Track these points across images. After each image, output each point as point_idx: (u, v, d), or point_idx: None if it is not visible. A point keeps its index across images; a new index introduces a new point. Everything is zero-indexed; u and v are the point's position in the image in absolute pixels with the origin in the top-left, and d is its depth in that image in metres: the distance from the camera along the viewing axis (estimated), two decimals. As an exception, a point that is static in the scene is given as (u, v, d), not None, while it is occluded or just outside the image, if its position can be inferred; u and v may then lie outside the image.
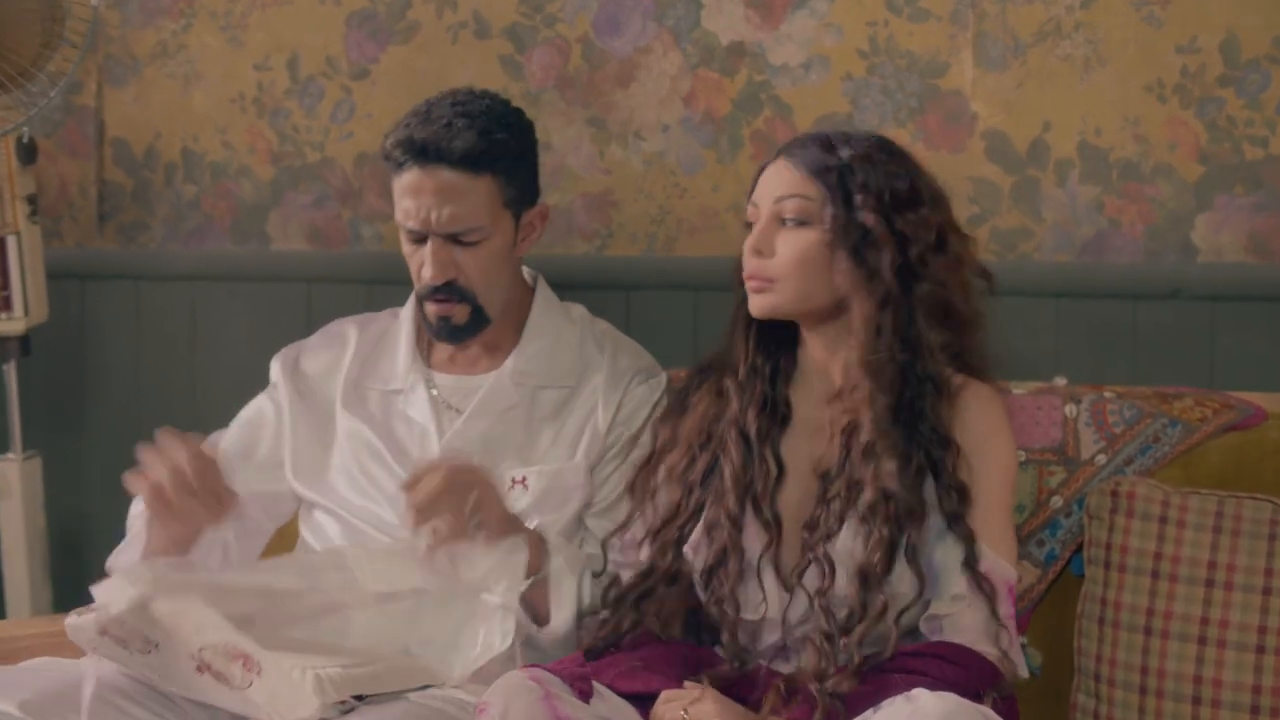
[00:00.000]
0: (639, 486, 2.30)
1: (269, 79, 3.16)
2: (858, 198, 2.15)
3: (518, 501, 2.44)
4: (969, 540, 2.13)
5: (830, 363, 2.26)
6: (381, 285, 2.80)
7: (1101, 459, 2.47)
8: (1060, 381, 2.56)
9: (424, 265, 2.45)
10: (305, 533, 2.58)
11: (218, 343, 3.19)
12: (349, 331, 2.64)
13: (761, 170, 2.23)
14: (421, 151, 2.41)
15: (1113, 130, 2.80)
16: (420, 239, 2.45)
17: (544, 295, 2.61)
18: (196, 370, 3.20)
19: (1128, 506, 2.40)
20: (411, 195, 2.43)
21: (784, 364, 2.27)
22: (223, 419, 2.65)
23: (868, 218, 2.15)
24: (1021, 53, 2.82)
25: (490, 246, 2.47)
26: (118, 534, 2.46)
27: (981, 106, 2.85)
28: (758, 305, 2.22)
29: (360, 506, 2.51)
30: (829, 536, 2.14)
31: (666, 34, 2.96)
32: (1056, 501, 2.47)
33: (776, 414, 2.24)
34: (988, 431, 2.19)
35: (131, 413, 3.22)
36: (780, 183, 2.19)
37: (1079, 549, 2.46)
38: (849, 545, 2.13)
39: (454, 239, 2.44)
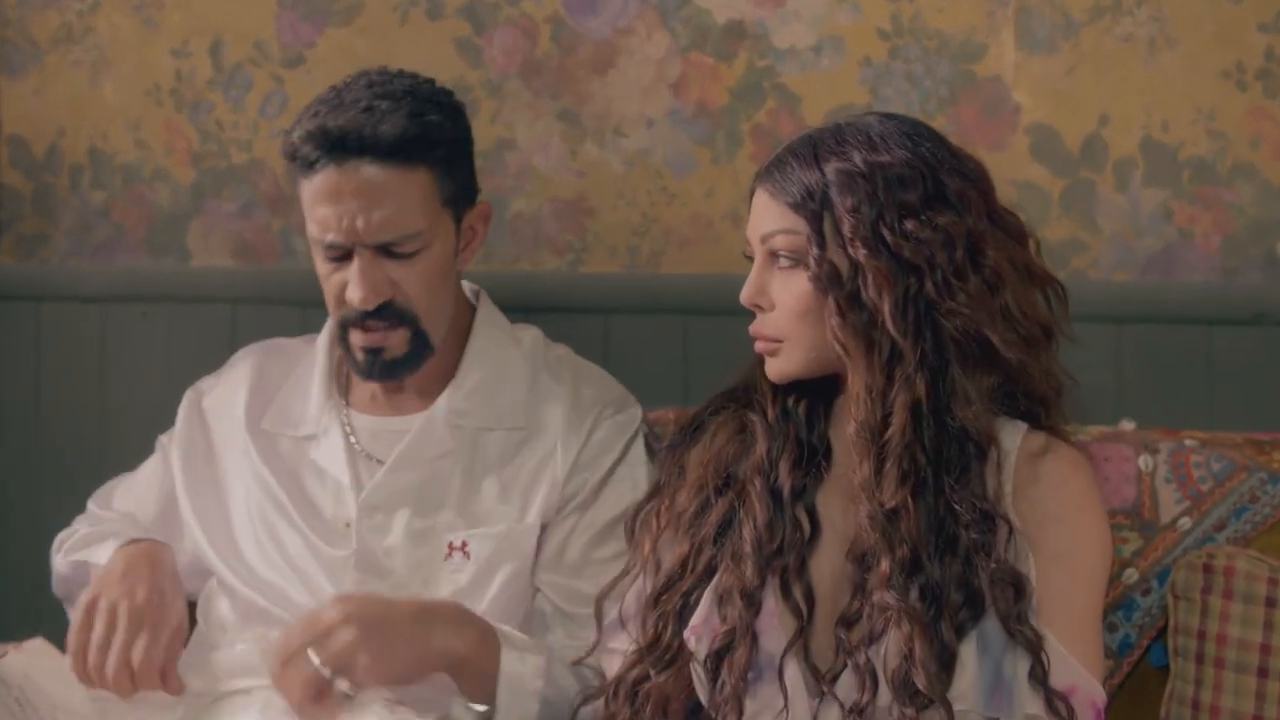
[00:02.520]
0: (638, 529, 2.06)
1: (189, 67, 2.98)
2: (845, 226, 1.89)
3: (458, 572, 2.21)
4: (1033, 647, 1.85)
5: None
6: (317, 307, 2.55)
7: (1185, 523, 2.25)
8: (1128, 426, 2.36)
9: (349, 287, 2.20)
10: (200, 618, 2.32)
11: (131, 372, 3.01)
12: (246, 363, 2.43)
13: (751, 195, 2.00)
14: (339, 144, 2.16)
15: (1183, 124, 2.65)
16: (343, 255, 2.20)
17: (487, 316, 2.37)
18: (106, 404, 3.02)
19: (1224, 585, 2.16)
20: (329, 200, 2.17)
21: (823, 398, 2.02)
22: (136, 459, 2.53)
23: (858, 253, 1.88)
24: (1073, 32, 2.67)
25: (431, 256, 2.22)
26: (16, 595, 2.43)
27: (1026, 96, 2.69)
28: (770, 371, 1.99)
29: (265, 580, 2.26)
30: (872, 640, 1.87)
31: (651, 12, 2.79)
32: (1131, 575, 2.25)
33: (814, 464, 1.99)
34: (1073, 508, 1.93)
35: (31, 454, 3.06)
36: (763, 216, 1.96)
37: (1160, 635, 2.24)
38: (896, 649, 1.87)
39: (386, 250, 2.19)
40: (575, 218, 2.85)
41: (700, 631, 1.96)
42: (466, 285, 2.38)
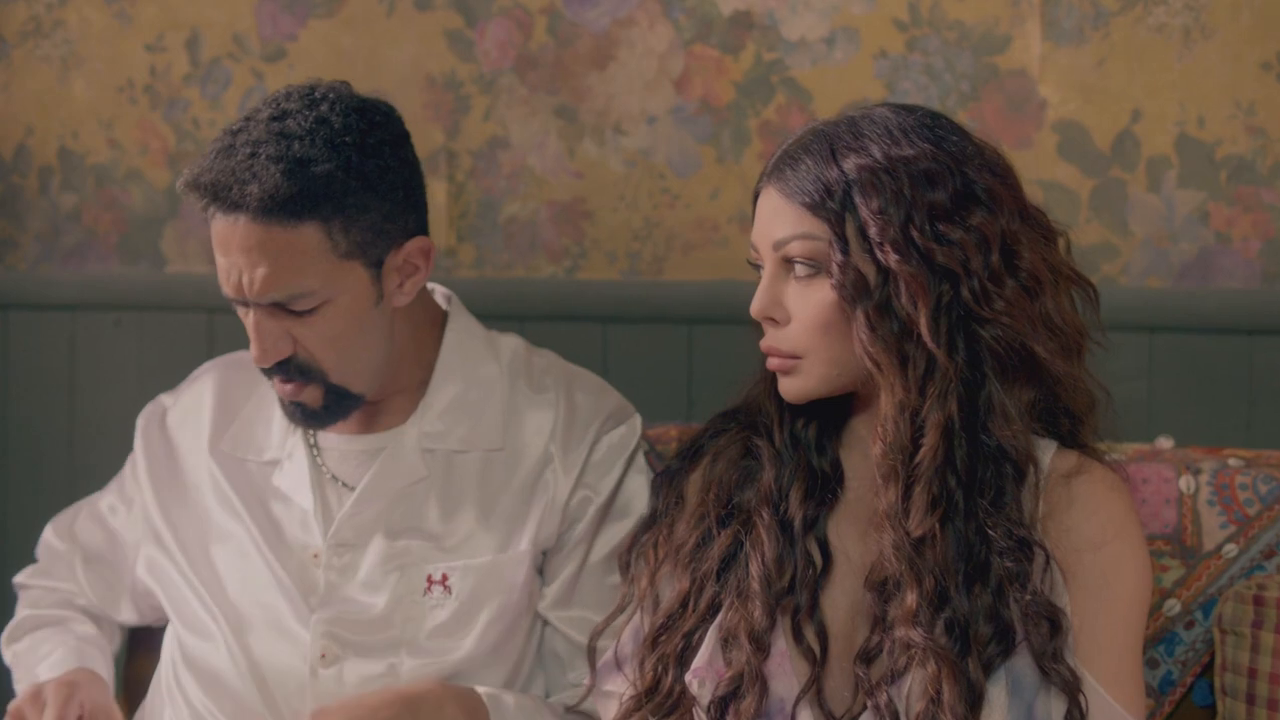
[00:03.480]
0: (633, 562, 1.98)
1: (164, 62, 2.95)
2: (872, 229, 1.79)
3: (438, 609, 2.11)
4: (1070, 688, 1.77)
5: None
6: (298, 316, 2.65)
7: (1231, 550, 2.15)
8: (1165, 443, 2.26)
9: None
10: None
11: (102, 384, 3.00)
12: (208, 380, 2.32)
13: (756, 196, 1.90)
14: (214, 197, 2.04)
15: (1220, 119, 2.60)
16: (243, 304, 2.09)
17: (460, 326, 2.24)
18: (76, 418, 3.01)
19: (1277, 619, 2.07)
20: (220, 249, 2.06)
21: (834, 419, 1.93)
22: (106, 474, 2.49)
23: (888, 259, 1.79)
24: (1103, 22, 2.62)
25: (333, 312, 2.08)
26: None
27: (1052, 91, 2.65)
28: (786, 391, 1.88)
29: (236, 610, 2.17)
30: (894, 677, 1.78)
31: (653, 2, 2.77)
32: (1173, 607, 2.15)
33: (826, 491, 1.90)
34: (1110, 534, 1.83)
35: (-3, 470, 3.09)
36: (775, 220, 1.85)
37: (1205, 672, 2.15)
38: (921, 689, 1.77)
39: (280, 307, 2.06)
40: (572, 221, 2.80)
41: (703, 675, 1.87)
42: (439, 290, 2.27)
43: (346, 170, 2.03)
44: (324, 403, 2.10)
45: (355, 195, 2.04)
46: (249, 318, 2.06)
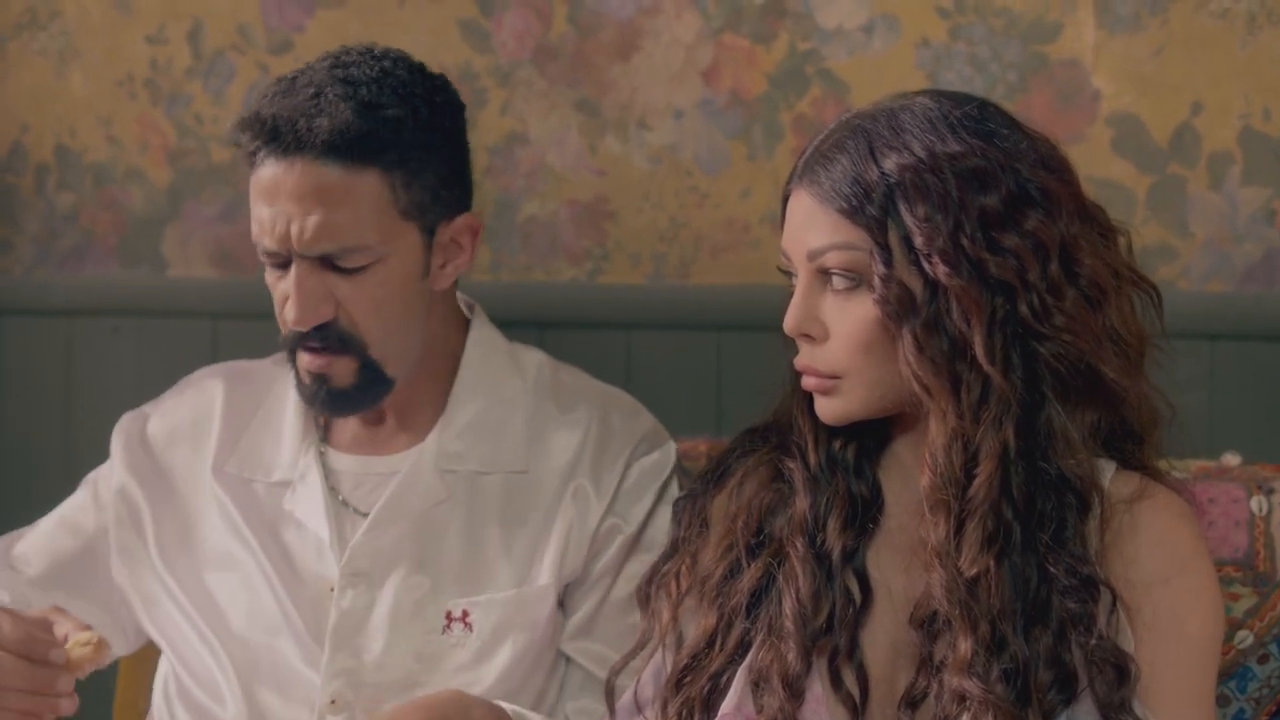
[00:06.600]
0: (654, 594, 1.89)
1: (165, 55, 2.92)
2: (918, 239, 1.71)
3: (458, 648, 2.03)
4: None
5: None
6: (306, 322, 2.66)
7: None
8: (1233, 460, 2.20)
9: (288, 301, 2.04)
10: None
11: (100, 393, 2.94)
12: (213, 389, 2.23)
13: (785, 199, 1.83)
14: (274, 134, 1.99)
15: None
16: (283, 263, 2.03)
17: (482, 336, 2.17)
18: (72, 429, 2.97)
19: None
20: (266, 197, 2.01)
21: (873, 437, 1.84)
22: None
23: (937, 271, 1.71)
24: (1161, 8, 2.59)
25: (384, 274, 2.03)
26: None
27: (1106, 82, 2.62)
28: (824, 413, 1.79)
29: (240, 639, 2.08)
30: None
31: None
32: (1245, 639, 2.07)
33: (866, 518, 1.81)
34: (1179, 567, 1.75)
35: (-12, 483, 3.10)
36: (808, 227, 1.77)
37: None
38: None
39: (328, 262, 2.01)
40: (594, 221, 2.79)
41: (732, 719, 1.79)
42: (461, 298, 2.20)
43: (415, 120, 2.01)
44: (355, 381, 2.04)
45: (419, 150, 2.02)
46: (289, 275, 2.01)
